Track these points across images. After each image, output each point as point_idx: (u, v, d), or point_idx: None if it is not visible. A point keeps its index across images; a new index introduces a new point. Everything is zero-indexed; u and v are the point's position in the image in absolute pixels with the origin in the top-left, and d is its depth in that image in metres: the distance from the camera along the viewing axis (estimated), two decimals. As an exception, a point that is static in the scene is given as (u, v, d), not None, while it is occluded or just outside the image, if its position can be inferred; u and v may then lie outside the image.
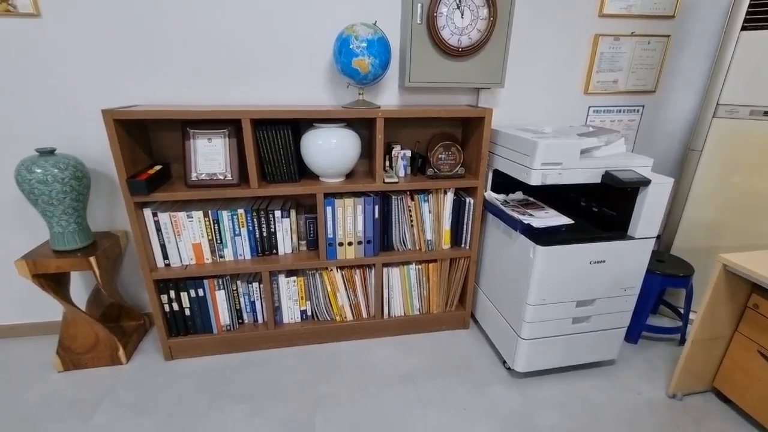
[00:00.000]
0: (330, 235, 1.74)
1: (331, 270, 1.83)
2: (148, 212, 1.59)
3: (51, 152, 1.51)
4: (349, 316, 1.94)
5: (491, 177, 1.79)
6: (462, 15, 1.57)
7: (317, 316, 1.93)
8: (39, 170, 1.45)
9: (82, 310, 1.68)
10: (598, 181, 1.50)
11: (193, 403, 1.59)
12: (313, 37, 1.68)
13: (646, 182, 1.43)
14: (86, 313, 1.69)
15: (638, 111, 2.07)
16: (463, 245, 1.91)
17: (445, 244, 1.89)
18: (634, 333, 1.92)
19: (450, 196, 1.80)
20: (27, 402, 1.58)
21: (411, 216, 1.81)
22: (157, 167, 1.63)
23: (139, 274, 1.96)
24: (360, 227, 1.75)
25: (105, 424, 1.49)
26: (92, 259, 1.57)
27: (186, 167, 1.59)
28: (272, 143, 1.59)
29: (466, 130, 1.88)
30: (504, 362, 1.79)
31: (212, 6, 1.58)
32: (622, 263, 1.56)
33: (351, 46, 1.48)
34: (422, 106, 1.83)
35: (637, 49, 1.92)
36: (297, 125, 1.69)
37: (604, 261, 1.53)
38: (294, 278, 1.83)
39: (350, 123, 1.67)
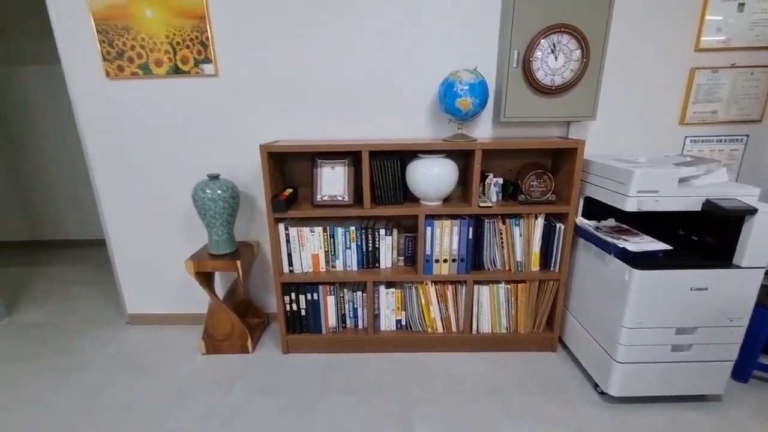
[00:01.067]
0: (428, 252, 1.95)
1: (426, 284, 2.03)
2: (281, 226, 1.95)
3: (216, 177, 1.94)
4: (440, 329, 2.11)
5: (582, 203, 1.88)
6: (556, 58, 1.75)
7: (411, 326, 2.12)
8: (209, 191, 1.88)
9: (224, 304, 2.07)
10: (698, 209, 1.53)
11: (309, 390, 1.85)
12: (418, 81, 1.97)
13: (752, 211, 1.44)
14: (229, 306, 2.07)
15: (742, 140, 2.02)
16: (552, 268, 2.00)
17: (534, 266, 2.00)
18: (743, 371, 1.82)
19: (540, 221, 1.92)
20: (181, 377, 1.97)
21: (502, 238, 1.96)
22: (289, 190, 2.00)
23: (265, 278, 2.34)
24: (455, 246, 1.94)
25: (241, 400, 1.80)
26: (238, 263, 1.96)
27: (313, 190, 1.93)
28: (383, 171, 1.88)
29: (557, 159, 2.01)
30: (596, 386, 1.81)
31: (336, 60, 1.95)
32: (726, 292, 1.54)
33: (455, 89, 1.73)
34: (516, 138, 2.01)
35: (739, 79, 1.92)
36: (403, 155, 1.96)
37: (706, 289, 1.54)
38: (392, 290, 2.06)
39: (449, 153, 1.91)
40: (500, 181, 1.97)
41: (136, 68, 1.93)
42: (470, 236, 1.92)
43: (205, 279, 2.05)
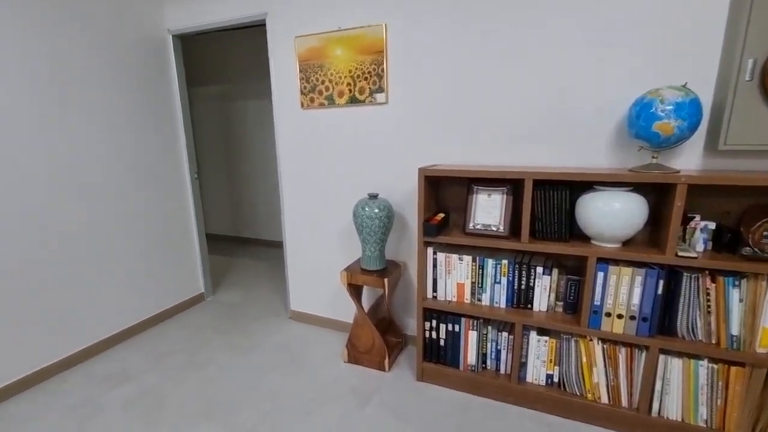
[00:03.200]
0: (597, 303, 1.63)
1: (591, 340, 1.70)
2: (430, 251, 1.93)
3: (375, 197, 2.07)
4: (604, 399, 1.72)
5: None
6: (823, 65, 1.27)
7: (565, 385, 1.80)
8: (368, 209, 2.01)
9: (368, 318, 2.16)
10: None
11: (443, 426, 1.74)
12: (597, 102, 1.71)
13: None
14: (372, 321, 2.15)
15: None
16: (794, 355, 1.42)
17: (762, 347, 1.45)
18: None
19: (778, 286, 1.40)
20: (325, 379, 2.11)
21: (708, 300, 1.49)
22: (441, 215, 1.97)
23: (407, 300, 2.37)
24: (635, 301, 1.57)
25: (374, 416, 1.82)
26: (386, 280, 2.02)
27: (466, 217, 1.86)
28: (548, 202, 1.67)
29: (811, 204, 1.44)
30: None
31: (503, 84, 1.86)
32: None
33: (653, 110, 1.42)
34: (747, 173, 1.52)
35: None
36: (572, 186, 1.72)
37: None
38: (546, 338, 1.79)
39: (635, 187, 1.58)
40: (711, 226, 1.53)
41: (323, 99, 2.25)
42: (659, 291, 1.53)
43: (355, 291, 2.18)
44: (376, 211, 2.01)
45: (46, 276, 2.09)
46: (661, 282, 1.52)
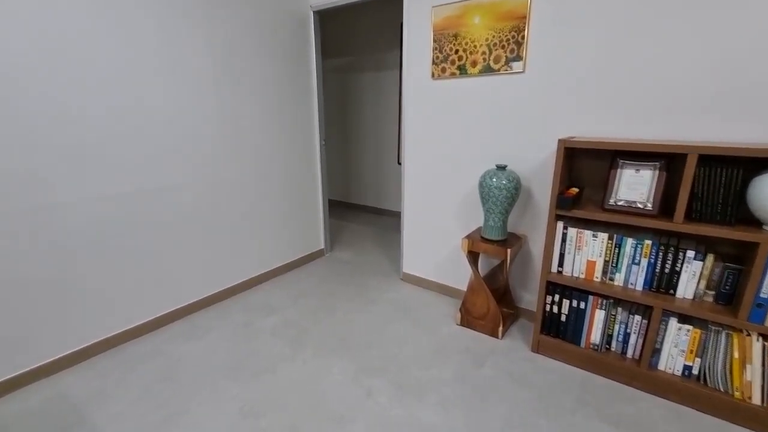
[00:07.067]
0: (763, 296, 1.47)
1: (748, 335, 1.55)
2: (560, 224, 1.90)
3: (504, 168, 2.08)
4: (756, 399, 1.57)
5: None
6: None
7: (706, 379, 1.68)
8: (495, 179, 2.04)
9: (485, 285, 2.23)
10: None
11: (559, 398, 1.77)
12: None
13: None
14: (488, 288, 2.22)
15: None
16: None
17: None
18: None
19: None
20: (440, 336, 2.26)
21: None
22: (575, 189, 1.91)
23: (524, 273, 2.37)
24: (818, 298, 1.38)
25: (492, 375, 1.92)
26: (508, 250, 2.05)
27: (606, 192, 1.78)
28: (713, 181, 1.52)
29: None
30: None
31: (664, 52, 1.69)
32: None
33: None
34: None
35: None
36: (744, 164, 1.53)
37: None
38: (689, 327, 1.68)
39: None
40: None
41: (455, 69, 2.28)
42: None
43: (473, 258, 2.26)
44: (504, 182, 2.02)
45: (210, 222, 2.54)
46: None
